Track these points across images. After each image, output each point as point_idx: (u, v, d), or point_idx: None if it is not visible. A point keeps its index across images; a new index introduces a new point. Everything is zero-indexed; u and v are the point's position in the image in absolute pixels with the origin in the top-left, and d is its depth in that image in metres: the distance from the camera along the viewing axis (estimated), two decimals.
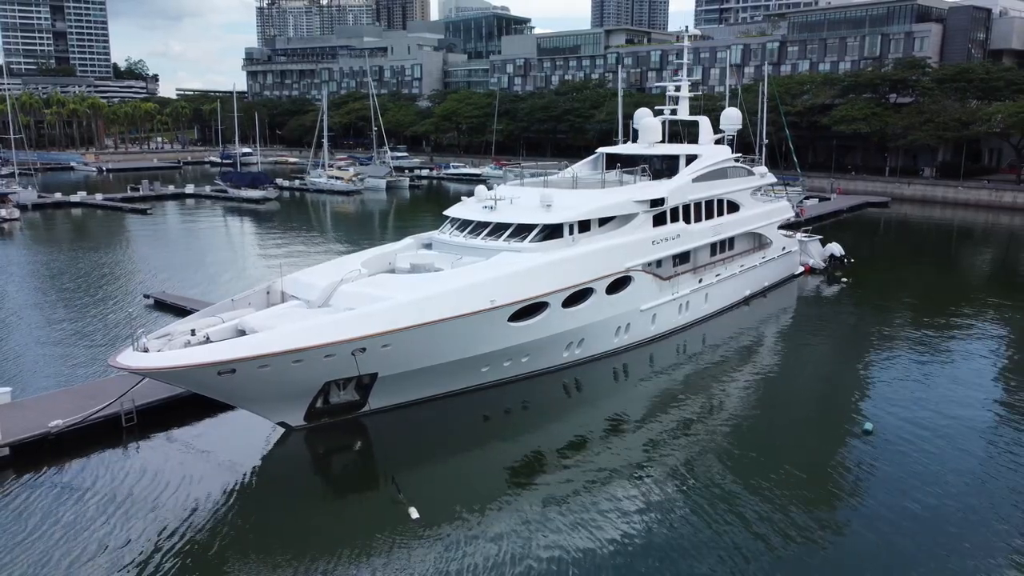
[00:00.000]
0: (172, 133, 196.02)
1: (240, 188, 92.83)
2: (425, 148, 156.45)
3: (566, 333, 29.33)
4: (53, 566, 17.78)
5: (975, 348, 35.00)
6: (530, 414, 27.52)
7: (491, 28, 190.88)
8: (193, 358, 20.69)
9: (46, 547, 18.51)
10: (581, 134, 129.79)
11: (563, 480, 21.85)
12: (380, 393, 25.05)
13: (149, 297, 41.33)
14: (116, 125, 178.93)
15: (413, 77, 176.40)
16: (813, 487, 21.34)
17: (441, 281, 26.06)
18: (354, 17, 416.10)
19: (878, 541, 18.62)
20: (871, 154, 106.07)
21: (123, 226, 72.72)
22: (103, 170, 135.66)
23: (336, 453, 24.51)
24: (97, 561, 17.97)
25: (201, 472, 22.35)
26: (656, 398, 28.74)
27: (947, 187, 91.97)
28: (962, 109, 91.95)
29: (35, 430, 23.01)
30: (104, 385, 26.85)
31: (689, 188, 36.19)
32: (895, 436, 24.56)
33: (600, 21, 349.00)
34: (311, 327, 22.27)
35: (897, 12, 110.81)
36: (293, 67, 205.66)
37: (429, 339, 24.32)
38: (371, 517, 20.00)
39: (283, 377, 22.13)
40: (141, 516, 19.87)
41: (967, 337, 36.82)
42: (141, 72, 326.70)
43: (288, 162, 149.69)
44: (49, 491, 21.24)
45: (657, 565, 17.73)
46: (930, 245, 69.02)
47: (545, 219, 29.88)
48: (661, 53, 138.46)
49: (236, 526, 19.68)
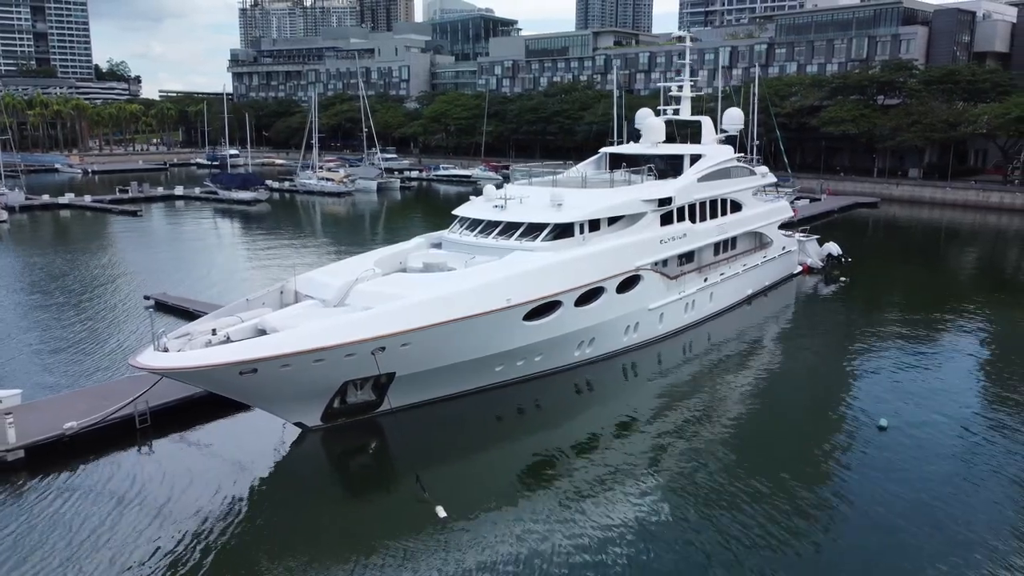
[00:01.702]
0: (157, 135, 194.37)
1: (231, 190, 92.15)
2: (413, 150, 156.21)
3: (578, 332, 29.36)
4: (70, 569, 17.56)
5: (980, 344, 35.44)
6: (543, 413, 27.50)
7: (478, 30, 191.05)
8: (216, 358, 20.51)
9: (62, 550, 18.27)
10: (570, 135, 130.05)
11: (581, 479, 21.83)
12: (396, 393, 24.94)
13: (150, 299, 40.91)
14: (100, 127, 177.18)
15: (401, 79, 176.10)
16: (830, 484, 21.50)
17: (458, 280, 26.01)
18: (338, 18, 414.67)
19: (898, 541, 18.76)
20: (859, 155, 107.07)
21: (114, 228, 72.05)
22: (88, 172, 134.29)
23: (354, 453, 24.38)
24: (116, 564, 17.77)
25: (218, 474, 22.16)
26: (666, 397, 28.82)
27: (935, 188, 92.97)
28: (949, 110, 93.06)
29: (49, 432, 22.74)
30: (115, 387, 26.62)
31: (694, 188, 36.36)
32: (910, 432, 24.77)
33: (585, 23, 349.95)
34: (332, 326, 22.15)
35: (883, 15, 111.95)
36: (279, 68, 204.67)
37: (447, 338, 24.27)
38: (396, 516, 19.93)
39: (303, 377, 22.01)
40: (158, 518, 19.67)
41: (969, 333, 37.25)
42: (123, 73, 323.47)
43: (275, 164, 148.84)
44: (65, 493, 20.98)
45: (678, 560, 17.85)
46: (923, 245, 69.78)
47: (556, 218, 29.91)
48: (650, 55, 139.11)
49: (259, 528, 19.56)
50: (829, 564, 17.80)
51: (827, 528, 19.20)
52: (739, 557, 17.88)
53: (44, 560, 17.90)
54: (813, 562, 17.85)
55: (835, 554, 18.16)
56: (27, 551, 18.22)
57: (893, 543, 18.47)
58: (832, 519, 19.60)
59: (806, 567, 17.66)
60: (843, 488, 21.19)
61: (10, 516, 19.76)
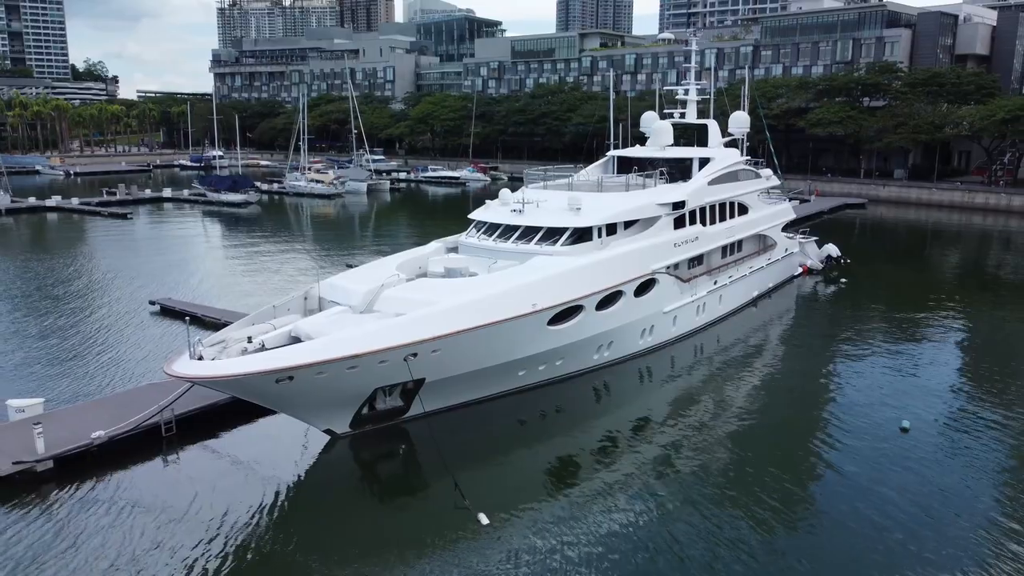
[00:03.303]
0: (139, 136, 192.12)
1: (220, 192, 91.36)
2: (398, 151, 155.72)
3: (598, 336, 29.47)
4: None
5: (986, 342, 35.94)
6: (566, 417, 27.54)
7: (462, 31, 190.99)
8: (253, 366, 20.37)
9: (96, 562, 18.03)
10: (558, 137, 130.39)
11: (613, 482, 21.92)
12: (424, 398, 24.89)
13: (155, 304, 40.53)
14: (81, 127, 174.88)
15: (386, 79, 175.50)
16: (854, 486, 21.67)
17: (485, 285, 26.03)
18: (317, 19, 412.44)
19: (924, 541, 19.03)
20: (845, 156, 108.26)
21: (106, 231, 71.17)
22: (70, 174, 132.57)
23: (384, 459, 24.31)
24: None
25: (248, 482, 21.99)
26: (683, 400, 29.01)
27: (921, 188, 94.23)
28: (934, 112, 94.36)
29: (77, 441, 22.47)
30: (135, 394, 26.34)
31: (705, 191, 36.61)
32: (932, 434, 25.10)
33: (566, 24, 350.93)
34: (367, 333, 22.08)
35: (868, 18, 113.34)
36: (262, 69, 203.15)
37: (476, 343, 24.28)
38: (437, 523, 19.81)
39: (337, 384, 21.92)
40: (190, 529, 19.49)
41: (973, 332, 37.83)
42: (100, 73, 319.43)
43: (260, 165, 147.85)
44: (94, 504, 20.68)
45: (713, 560, 18.02)
46: (916, 245, 70.74)
47: (575, 222, 29.99)
48: (636, 56, 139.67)
49: (298, 535, 19.38)
50: (855, 564, 18.02)
51: (852, 528, 19.42)
52: (765, 556, 18.09)
53: (79, 573, 17.68)
54: (838, 564, 18.07)
55: (860, 552, 18.38)
56: (61, 564, 17.96)
57: (918, 545, 18.73)
58: (859, 521, 19.82)
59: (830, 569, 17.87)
60: (870, 492, 21.39)
61: (42, 529, 19.45)
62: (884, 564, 17.89)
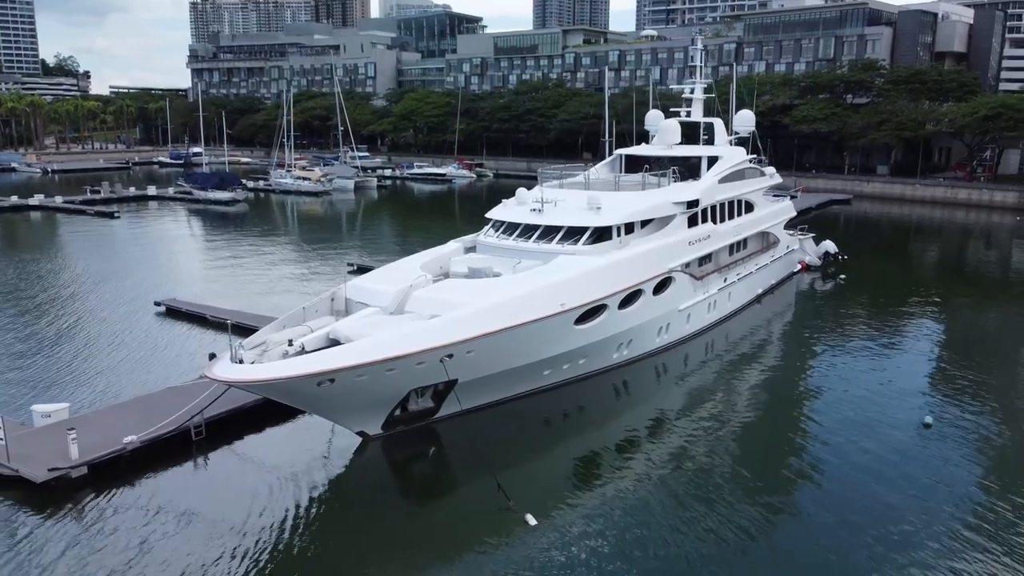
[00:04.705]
0: (115, 132, 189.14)
1: (207, 190, 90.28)
2: (380, 147, 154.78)
3: (619, 334, 29.65)
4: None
5: (996, 334, 36.63)
6: (588, 416, 27.66)
7: (443, 27, 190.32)
8: (299, 369, 20.25)
9: (137, 571, 17.89)
10: (543, 133, 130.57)
11: (646, 481, 22.14)
12: (453, 399, 24.91)
13: (160, 305, 40.03)
14: (56, 124, 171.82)
15: (367, 75, 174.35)
16: (881, 483, 21.97)
17: (514, 285, 26.09)
18: (292, 14, 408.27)
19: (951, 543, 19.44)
20: (828, 153, 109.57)
21: (95, 230, 70.07)
22: (48, 171, 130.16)
23: (416, 461, 24.33)
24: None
25: (281, 484, 21.77)
26: (701, 397, 29.27)
27: (905, 184, 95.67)
28: (917, 109, 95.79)
29: (110, 447, 22.19)
30: (158, 398, 26.05)
31: (716, 189, 36.92)
32: (954, 430, 25.55)
33: (543, 20, 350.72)
34: (406, 335, 22.04)
35: (849, 15, 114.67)
36: (241, 65, 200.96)
37: (508, 343, 24.34)
38: (484, 525, 19.78)
39: (375, 385, 21.87)
40: (227, 533, 19.33)
41: (982, 325, 38.53)
42: (72, 69, 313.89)
43: (241, 162, 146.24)
44: (130, 510, 20.40)
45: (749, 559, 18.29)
46: (907, 240, 72.08)
47: (595, 221, 30.12)
48: (619, 53, 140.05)
49: (337, 539, 19.30)
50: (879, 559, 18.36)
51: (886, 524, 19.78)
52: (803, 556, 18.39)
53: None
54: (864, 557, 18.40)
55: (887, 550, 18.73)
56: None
57: (948, 542, 19.13)
58: (892, 520, 20.19)
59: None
60: (905, 493, 21.67)
61: (80, 537, 19.11)
62: (918, 555, 18.25)
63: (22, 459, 21.48)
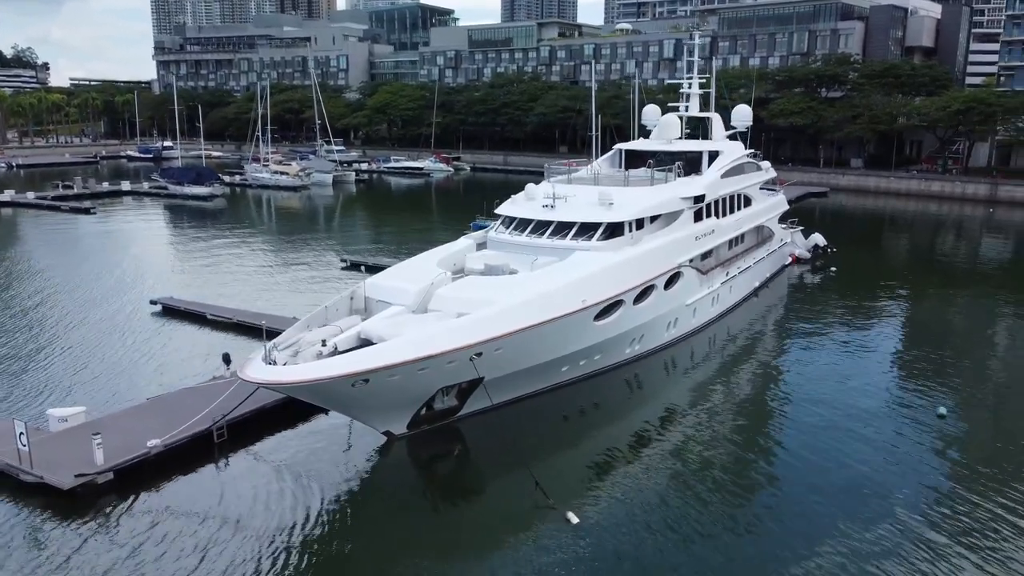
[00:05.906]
0: (79, 126, 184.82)
1: (183, 185, 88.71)
2: (353, 141, 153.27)
3: (633, 330, 29.78)
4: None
5: (996, 322, 37.47)
6: (605, 412, 27.69)
7: (415, 19, 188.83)
8: (335, 370, 20.00)
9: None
10: (520, 127, 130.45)
11: (666, 475, 22.34)
12: (477, 397, 24.83)
13: (156, 303, 39.30)
14: (18, 117, 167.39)
15: (339, 68, 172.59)
16: (900, 474, 22.37)
17: (536, 282, 26.04)
18: (257, 5, 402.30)
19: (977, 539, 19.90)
20: (803, 146, 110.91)
21: (73, 228, 68.52)
22: (12, 166, 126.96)
23: (442, 460, 24.21)
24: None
25: (307, 485, 21.54)
26: (714, 389, 29.67)
27: (879, 177, 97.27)
28: (891, 103, 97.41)
29: (134, 451, 21.77)
30: (174, 400, 25.65)
31: (719, 184, 37.21)
32: (969, 419, 26.09)
33: (511, 13, 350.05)
34: (437, 333, 21.89)
35: (823, 10, 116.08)
36: (208, 57, 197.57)
37: (533, 340, 24.31)
38: (525, 524, 19.67)
39: (407, 384, 21.72)
40: (255, 536, 19.11)
41: (979, 312, 39.37)
42: (30, 60, 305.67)
43: (212, 156, 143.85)
44: (159, 515, 20.02)
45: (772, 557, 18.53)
46: (886, 232, 73.54)
47: (608, 217, 30.16)
48: (595, 46, 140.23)
49: (367, 540, 19.12)
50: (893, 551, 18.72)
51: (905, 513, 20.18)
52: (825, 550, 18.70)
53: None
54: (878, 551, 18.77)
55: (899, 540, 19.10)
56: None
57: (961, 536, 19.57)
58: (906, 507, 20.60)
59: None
60: (925, 485, 22.12)
61: (112, 546, 18.68)
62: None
63: (44, 465, 20.97)
